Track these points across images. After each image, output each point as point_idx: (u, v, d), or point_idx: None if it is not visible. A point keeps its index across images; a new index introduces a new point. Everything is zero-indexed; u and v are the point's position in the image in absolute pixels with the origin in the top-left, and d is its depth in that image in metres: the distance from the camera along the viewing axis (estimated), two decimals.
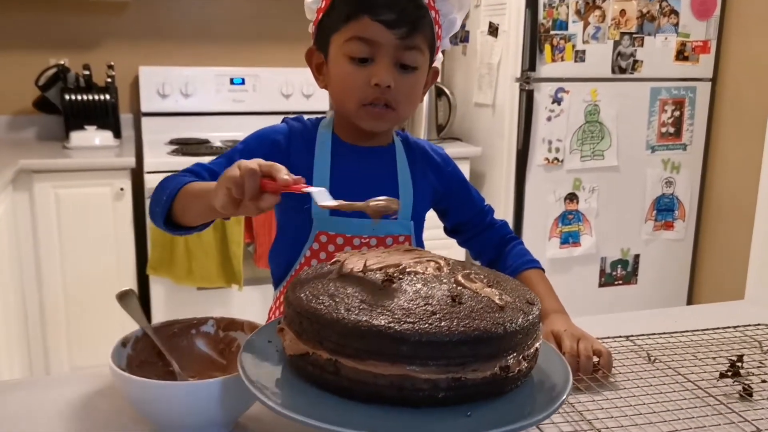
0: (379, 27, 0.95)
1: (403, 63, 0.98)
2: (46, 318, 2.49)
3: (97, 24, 2.93)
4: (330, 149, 1.06)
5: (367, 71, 0.97)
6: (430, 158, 1.14)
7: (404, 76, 0.99)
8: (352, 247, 1.03)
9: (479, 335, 0.61)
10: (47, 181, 2.42)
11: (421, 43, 0.99)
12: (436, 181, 1.13)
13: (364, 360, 0.61)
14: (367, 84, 0.97)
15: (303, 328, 0.66)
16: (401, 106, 1.01)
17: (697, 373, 0.91)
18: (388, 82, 0.97)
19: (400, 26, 0.95)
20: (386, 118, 1.02)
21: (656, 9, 2.81)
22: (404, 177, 1.08)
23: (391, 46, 0.96)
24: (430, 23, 1.00)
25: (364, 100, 0.99)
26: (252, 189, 0.74)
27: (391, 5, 0.95)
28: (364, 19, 0.96)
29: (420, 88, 1.04)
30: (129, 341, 0.84)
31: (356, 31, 0.97)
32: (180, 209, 0.92)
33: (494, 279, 0.73)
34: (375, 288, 0.67)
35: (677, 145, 2.97)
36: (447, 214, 1.18)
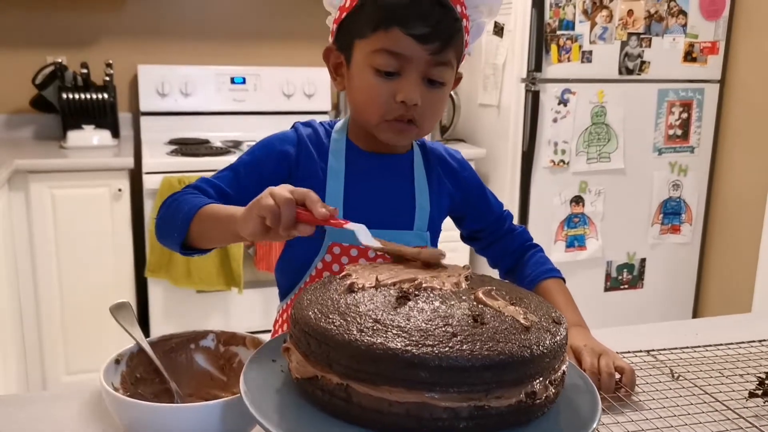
0: (410, 41, 0.88)
1: (431, 78, 0.92)
2: (43, 321, 2.44)
3: (96, 21, 2.88)
4: (344, 156, 1.00)
5: (393, 86, 0.91)
6: (447, 164, 1.08)
7: (431, 91, 0.93)
8: (366, 258, 0.98)
9: (504, 359, 0.56)
10: (43, 182, 2.37)
11: (452, 58, 0.93)
12: (453, 188, 1.08)
13: (378, 386, 0.56)
14: (392, 99, 0.91)
15: (311, 349, 0.61)
16: (426, 122, 0.95)
17: (725, 392, 0.87)
18: (416, 101, 0.91)
19: (433, 41, 0.89)
20: (409, 134, 0.96)
21: (664, 9, 2.76)
22: (421, 186, 1.03)
23: (421, 61, 0.90)
24: (462, 34, 0.94)
25: (388, 115, 0.93)
26: (289, 219, 0.71)
27: (425, 18, 0.88)
28: (394, 30, 0.89)
29: (446, 103, 0.98)
30: (123, 357, 0.79)
31: (385, 43, 0.90)
32: (197, 233, 0.88)
33: (517, 296, 0.68)
34: (389, 306, 0.62)
35: (685, 147, 2.92)
36: (464, 220, 1.13)
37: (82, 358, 2.49)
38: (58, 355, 2.49)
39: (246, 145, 2.74)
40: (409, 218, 1.01)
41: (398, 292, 0.64)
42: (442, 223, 1.10)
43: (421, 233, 1.02)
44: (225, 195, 0.95)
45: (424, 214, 1.02)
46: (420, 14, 0.88)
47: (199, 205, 0.88)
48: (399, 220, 1.01)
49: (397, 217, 1.01)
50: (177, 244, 0.90)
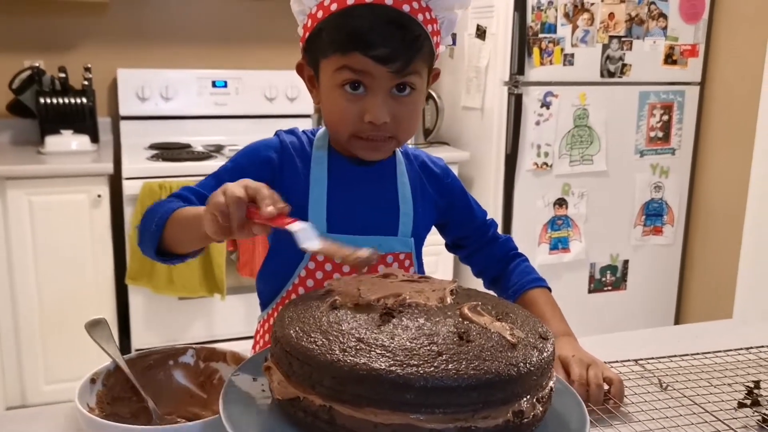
0: (371, 62, 0.88)
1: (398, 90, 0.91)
2: (21, 330, 2.40)
3: (74, 25, 2.84)
4: (326, 165, 0.99)
5: (361, 104, 0.90)
6: (430, 171, 1.07)
7: (402, 101, 0.92)
8: (350, 265, 0.96)
9: (491, 378, 0.55)
10: (21, 188, 2.33)
11: (419, 67, 0.91)
12: (437, 195, 1.07)
13: (362, 407, 0.54)
14: (361, 119, 0.90)
15: (293, 369, 0.59)
16: (401, 134, 0.94)
17: (714, 402, 0.86)
18: (384, 119, 0.90)
19: (394, 61, 0.88)
20: (385, 148, 0.95)
21: (645, 12, 2.77)
22: (405, 192, 1.02)
23: (385, 78, 0.89)
24: (429, 43, 0.92)
25: (359, 134, 0.92)
26: (238, 218, 0.69)
27: (384, 41, 0.87)
28: (354, 54, 0.88)
29: (420, 108, 0.97)
30: (99, 376, 0.77)
31: (347, 62, 0.89)
32: (171, 238, 0.86)
33: (503, 311, 0.66)
34: (372, 324, 0.60)
35: (666, 149, 2.94)
36: (447, 228, 1.12)
37: (62, 368, 2.45)
38: (37, 364, 2.44)
39: (228, 150, 2.71)
40: (393, 224, 1.00)
41: (382, 308, 0.63)
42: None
43: (405, 239, 1.01)
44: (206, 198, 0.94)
45: (408, 220, 1.01)
46: (377, 37, 0.87)
47: (172, 210, 0.87)
48: (383, 226, 1.00)
49: (380, 223, 1.00)
50: (152, 250, 0.88)
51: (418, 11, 0.90)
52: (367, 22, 0.88)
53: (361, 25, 0.88)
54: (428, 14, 0.92)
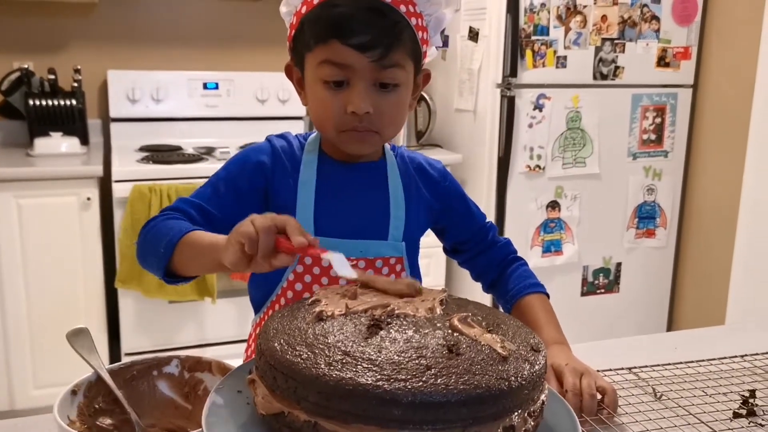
0: (350, 51, 0.87)
1: (382, 82, 0.90)
2: (9, 334, 2.38)
3: (63, 26, 2.82)
4: (316, 168, 0.98)
5: (343, 96, 0.90)
6: (427, 174, 1.06)
7: (385, 95, 0.91)
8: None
9: (481, 393, 0.53)
10: (9, 191, 2.31)
11: (401, 59, 0.91)
12: (433, 199, 1.05)
13: (349, 423, 0.53)
14: (344, 111, 0.90)
15: (277, 383, 0.57)
16: (384, 128, 0.93)
17: (709, 413, 0.85)
18: (366, 109, 0.89)
19: (374, 48, 0.87)
20: (369, 141, 0.94)
21: (637, 15, 2.77)
22: (396, 194, 1.00)
23: (366, 69, 0.89)
24: (411, 35, 0.92)
25: (342, 126, 0.92)
26: (267, 247, 0.69)
27: (362, 27, 0.87)
28: (333, 42, 0.88)
29: (405, 104, 0.96)
30: (81, 387, 0.75)
31: (327, 55, 0.89)
32: (180, 261, 0.85)
33: (494, 322, 0.65)
34: (359, 336, 0.59)
35: (659, 152, 2.93)
36: (445, 232, 1.10)
37: (51, 372, 2.43)
38: (26, 369, 2.42)
39: (219, 152, 2.69)
40: (383, 228, 0.99)
41: (369, 320, 0.61)
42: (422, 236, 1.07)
43: (395, 243, 0.99)
44: (206, 213, 0.94)
45: (399, 224, 0.99)
46: (356, 24, 0.87)
47: (182, 232, 0.86)
48: (372, 231, 0.99)
49: (370, 227, 0.99)
50: (160, 272, 0.87)
51: (400, 2, 0.91)
52: (345, 9, 0.88)
53: (340, 13, 0.88)
54: (412, 7, 0.92)
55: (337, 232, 0.96)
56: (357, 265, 0.96)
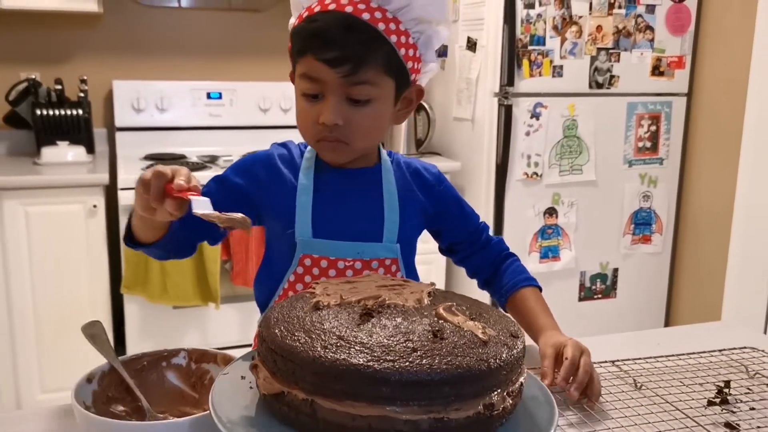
0: (322, 65, 0.92)
1: (352, 98, 0.95)
2: (17, 339, 2.42)
3: (70, 37, 2.88)
4: (313, 174, 1.04)
5: (317, 108, 0.95)
6: (423, 178, 1.11)
7: (357, 109, 0.95)
8: (336, 270, 1.00)
9: (462, 373, 0.58)
10: (17, 199, 2.35)
11: (372, 77, 0.94)
12: (428, 202, 1.10)
13: (342, 401, 0.58)
14: (317, 121, 0.95)
15: (277, 366, 0.62)
16: (355, 140, 0.98)
17: (685, 401, 0.90)
18: (335, 121, 0.94)
19: (342, 65, 0.91)
20: (340, 152, 1.00)
21: (632, 25, 2.82)
22: (390, 198, 1.05)
23: (336, 84, 0.93)
24: (387, 52, 0.95)
25: (316, 136, 0.98)
26: (156, 190, 0.77)
27: (333, 43, 0.91)
28: (308, 57, 0.94)
29: (379, 119, 0.99)
30: (95, 376, 0.80)
31: (304, 68, 0.95)
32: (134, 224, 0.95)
33: (477, 311, 0.70)
34: (353, 323, 0.64)
35: (654, 159, 2.98)
36: (441, 233, 1.15)
37: (57, 376, 2.47)
38: (32, 373, 2.46)
39: (223, 160, 2.74)
40: (377, 231, 1.04)
41: (362, 309, 0.66)
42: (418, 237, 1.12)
43: (390, 245, 1.04)
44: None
45: (394, 227, 1.04)
46: (328, 40, 0.92)
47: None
48: (367, 233, 1.03)
49: (365, 230, 1.04)
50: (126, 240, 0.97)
51: (379, 20, 0.93)
52: (321, 25, 0.93)
53: (315, 28, 0.93)
54: (394, 25, 0.95)
55: (333, 234, 1.01)
56: (353, 266, 1.01)
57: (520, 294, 1.08)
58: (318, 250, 1.00)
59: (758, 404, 0.89)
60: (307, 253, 1.01)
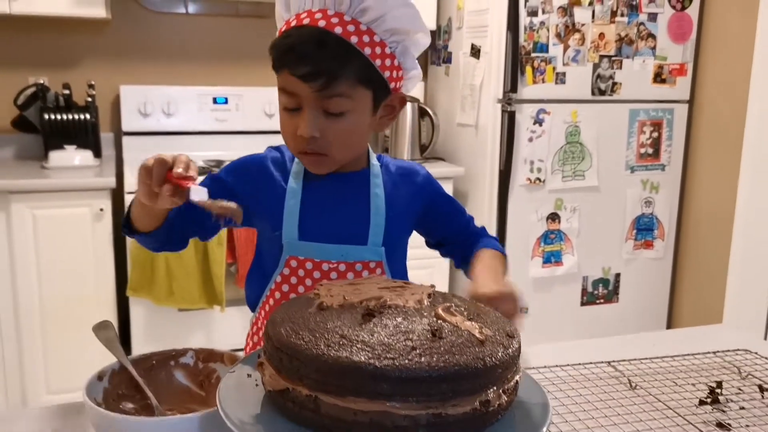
0: (296, 80, 0.95)
1: (327, 111, 0.97)
2: (23, 341, 2.44)
3: (78, 42, 2.91)
4: (302, 178, 1.07)
5: (296, 121, 0.98)
6: (411, 180, 1.13)
7: (333, 121, 0.97)
8: (321, 272, 1.03)
9: (459, 370, 0.61)
10: (25, 202, 2.38)
11: (346, 90, 0.96)
12: (417, 204, 1.13)
13: (345, 396, 0.61)
14: (296, 134, 0.98)
15: (282, 363, 0.65)
16: (333, 151, 1.00)
17: (677, 401, 0.92)
18: (311, 134, 0.96)
19: (315, 79, 0.94)
20: (321, 163, 1.02)
21: (634, 33, 2.85)
22: (377, 202, 1.08)
23: (310, 97, 0.96)
24: (360, 64, 0.96)
25: (296, 149, 1.01)
26: (158, 176, 0.80)
27: (304, 59, 0.94)
28: (284, 72, 0.97)
29: (357, 130, 1.01)
30: (105, 374, 0.83)
31: (281, 83, 0.98)
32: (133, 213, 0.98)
33: (475, 312, 0.73)
34: (355, 322, 0.67)
35: (656, 165, 3.00)
36: (431, 231, 1.18)
37: (63, 378, 2.49)
38: (38, 374, 2.48)
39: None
40: (362, 234, 1.06)
41: (364, 309, 0.69)
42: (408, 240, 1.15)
43: (375, 248, 1.06)
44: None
45: (379, 230, 1.06)
46: (301, 56, 0.94)
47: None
48: (353, 236, 1.06)
49: (350, 233, 1.06)
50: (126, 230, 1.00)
51: (352, 33, 0.95)
52: (294, 41, 0.96)
53: (288, 44, 0.96)
54: (368, 37, 0.97)
55: (319, 237, 1.03)
56: (338, 268, 1.03)
57: (479, 252, 1.09)
58: (303, 252, 1.03)
59: (748, 404, 0.92)
60: (293, 254, 1.04)
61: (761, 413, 0.89)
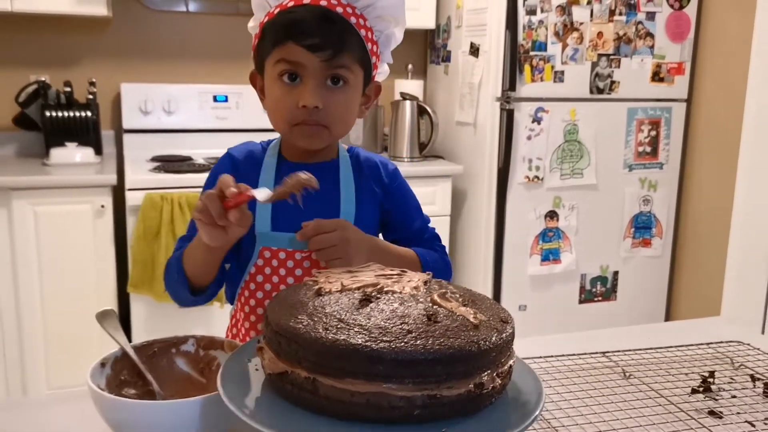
0: (303, 51, 0.98)
1: (333, 76, 1.01)
2: (24, 337, 2.46)
3: (79, 40, 2.93)
4: (275, 170, 1.08)
5: (296, 93, 1.00)
6: (379, 173, 1.15)
7: (335, 93, 1.01)
8: (294, 261, 1.05)
9: (454, 353, 0.62)
10: (26, 199, 2.40)
11: (348, 62, 1.01)
12: (383, 196, 1.15)
13: (342, 378, 0.62)
14: (296, 106, 1.00)
15: (281, 347, 0.67)
16: (333, 124, 1.03)
17: (670, 389, 0.94)
18: (315, 103, 0.99)
19: (323, 49, 0.98)
20: (319, 136, 1.04)
21: (632, 31, 2.87)
22: (347, 191, 1.10)
23: (317, 67, 0.99)
24: (359, 42, 1.02)
25: (294, 120, 1.02)
26: (217, 210, 0.81)
27: (313, 30, 0.98)
28: (288, 44, 0.99)
29: (353, 105, 1.05)
30: (108, 361, 0.84)
31: (283, 54, 1.00)
32: (193, 275, 1.00)
33: (470, 298, 0.74)
34: (352, 307, 0.68)
35: (654, 164, 3.02)
36: (387, 228, 1.19)
37: (63, 373, 2.51)
38: (39, 370, 2.50)
39: None
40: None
41: (362, 295, 0.71)
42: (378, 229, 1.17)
43: None
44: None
45: (350, 218, 1.08)
46: (308, 28, 0.98)
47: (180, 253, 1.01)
48: None
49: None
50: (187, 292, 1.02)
51: (350, 15, 1.02)
52: (301, 15, 0.99)
53: (296, 18, 0.99)
54: (362, 21, 1.03)
55: (291, 226, 1.04)
56: (310, 256, 1.05)
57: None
58: (276, 242, 1.05)
59: (740, 393, 0.93)
60: (266, 245, 1.05)
61: (752, 401, 0.91)
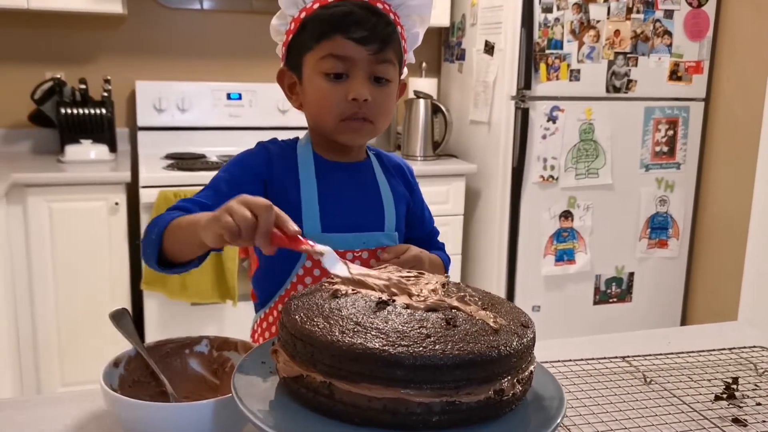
0: (352, 44, 0.98)
1: (377, 76, 1.01)
2: (38, 334, 2.47)
3: (94, 38, 2.94)
4: (314, 167, 1.06)
5: (344, 87, 1.00)
6: (404, 173, 1.17)
7: (379, 89, 1.02)
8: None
9: (473, 359, 0.61)
10: (41, 195, 2.41)
11: (392, 57, 1.02)
12: (408, 196, 1.16)
13: (358, 383, 0.61)
14: (345, 99, 1.00)
15: (297, 350, 0.65)
16: (378, 118, 1.03)
17: (693, 396, 0.91)
18: (366, 96, 0.99)
19: (372, 42, 0.99)
20: (364, 132, 1.04)
21: (650, 30, 2.83)
22: (385, 190, 1.10)
23: (365, 61, 0.99)
24: (398, 38, 1.04)
25: (342, 115, 1.01)
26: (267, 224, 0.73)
27: (361, 23, 0.98)
28: (336, 37, 0.99)
29: (393, 101, 1.06)
30: (121, 361, 0.83)
31: (330, 49, 0.99)
32: (170, 247, 0.91)
33: (489, 301, 0.73)
34: (369, 310, 0.67)
35: (671, 164, 2.98)
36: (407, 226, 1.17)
37: (77, 370, 2.52)
38: (53, 367, 2.51)
39: None
40: (379, 221, 1.08)
41: (378, 297, 0.69)
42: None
43: (391, 234, 1.08)
44: (206, 207, 0.97)
45: (392, 216, 1.09)
46: (357, 21, 0.98)
47: (169, 220, 0.91)
48: (371, 223, 1.07)
49: (368, 220, 1.07)
50: (153, 260, 0.92)
51: (389, 11, 1.04)
52: (347, 9, 0.99)
53: (342, 11, 0.99)
54: (396, 17, 1.05)
55: (340, 227, 1.04)
56: (361, 256, 1.04)
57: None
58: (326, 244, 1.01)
59: (765, 400, 0.91)
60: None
61: None
